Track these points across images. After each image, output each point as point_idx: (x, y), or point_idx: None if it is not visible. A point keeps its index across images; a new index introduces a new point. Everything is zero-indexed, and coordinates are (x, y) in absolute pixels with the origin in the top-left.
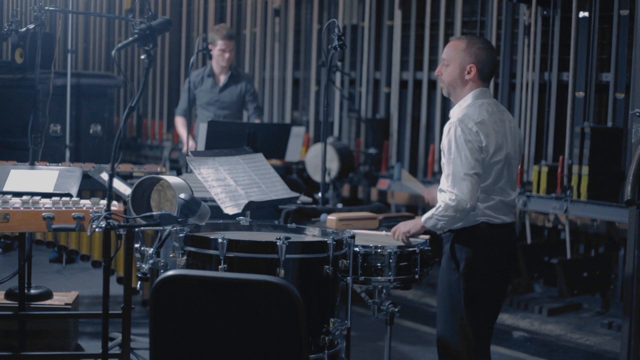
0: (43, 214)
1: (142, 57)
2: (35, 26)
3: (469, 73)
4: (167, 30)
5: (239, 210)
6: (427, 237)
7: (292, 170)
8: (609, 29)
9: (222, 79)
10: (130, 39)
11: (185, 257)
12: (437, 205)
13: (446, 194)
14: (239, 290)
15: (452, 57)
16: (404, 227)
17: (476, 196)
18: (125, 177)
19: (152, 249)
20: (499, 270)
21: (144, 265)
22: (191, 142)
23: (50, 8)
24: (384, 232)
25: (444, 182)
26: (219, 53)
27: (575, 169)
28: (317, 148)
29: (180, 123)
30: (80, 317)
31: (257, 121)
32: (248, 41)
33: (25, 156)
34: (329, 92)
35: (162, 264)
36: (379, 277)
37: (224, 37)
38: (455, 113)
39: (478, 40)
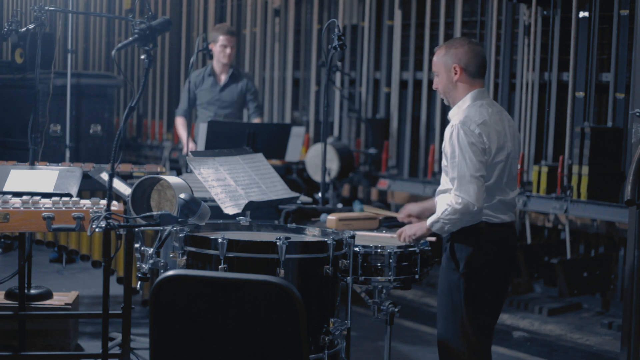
0: (43, 214)
1: (142, 57)
2: (35, 26)
3: (455, 74)
4: (167, 30)
5: (239, 210)
6: (433, 239)
7: (292, 170)
8: (609, 29)
9: (223, 78)
10: (130, 39)
11: (185, 257)
12: (443, 209)
13: (452, 197)
14: (239, 290)
15: (438, 66)
16: (409, 229)
17: (482, 198)
18: (125, 177)
19: (152, 249)
20: (499, 270)
21: (144, 265)
22: (191, 144)
23: (50, 8)
24: (383, 232)
25: (445, 184)
26: (220, 49)
27: (575, 169)
28: (317, 148)
29: (180, 123)
30: (80, 317)
31: (257, 120)
32: (248, 41)
33: (25, 156)
34: (329, 92)
35: (162, 264)
36: (379, 277)
37: (225, 33)
38: (455, 115)
39: (457, 40)
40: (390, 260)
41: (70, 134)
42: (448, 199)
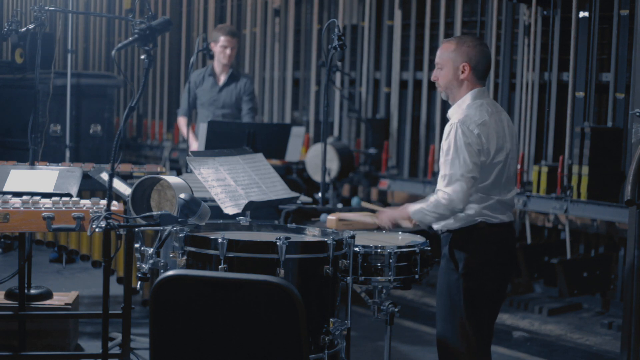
0: (43, 214)
1: (142, 57)
2: (35, 26)
3: (462, 72)
4: (167, 30)
5: (239, 210)
6: (410, 225)
7: (292, 170)
8: (609, 29)
9: (222, 78)
10: (130, 39)
11: (185, 257)
12: (428, 200)
13: (440, 192)
14: (239, 290)
15: (445, 60)
16: (390, 212)
17: (468, 199)
18: (125, 177)
19: (152, 249)
20: (498, 270)
21: (144, 265)
22: (195, 142)
23: (50, 8)
24: (383, 232)
25: (440, 182)
26: (221, 50)
27: (575, 169)
28: (317, 148)
29: (182, 123)
30: (80, 317)
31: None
32: (248, 41)
33: (25, 156)
34: (329, 92)
35: (162, 264)
36: (379, 277)
37: (227, 34)
38: (454, 114)
39: (467, 38)
40: (390, 260)
41: (70, 134)
42: (437, 194)
